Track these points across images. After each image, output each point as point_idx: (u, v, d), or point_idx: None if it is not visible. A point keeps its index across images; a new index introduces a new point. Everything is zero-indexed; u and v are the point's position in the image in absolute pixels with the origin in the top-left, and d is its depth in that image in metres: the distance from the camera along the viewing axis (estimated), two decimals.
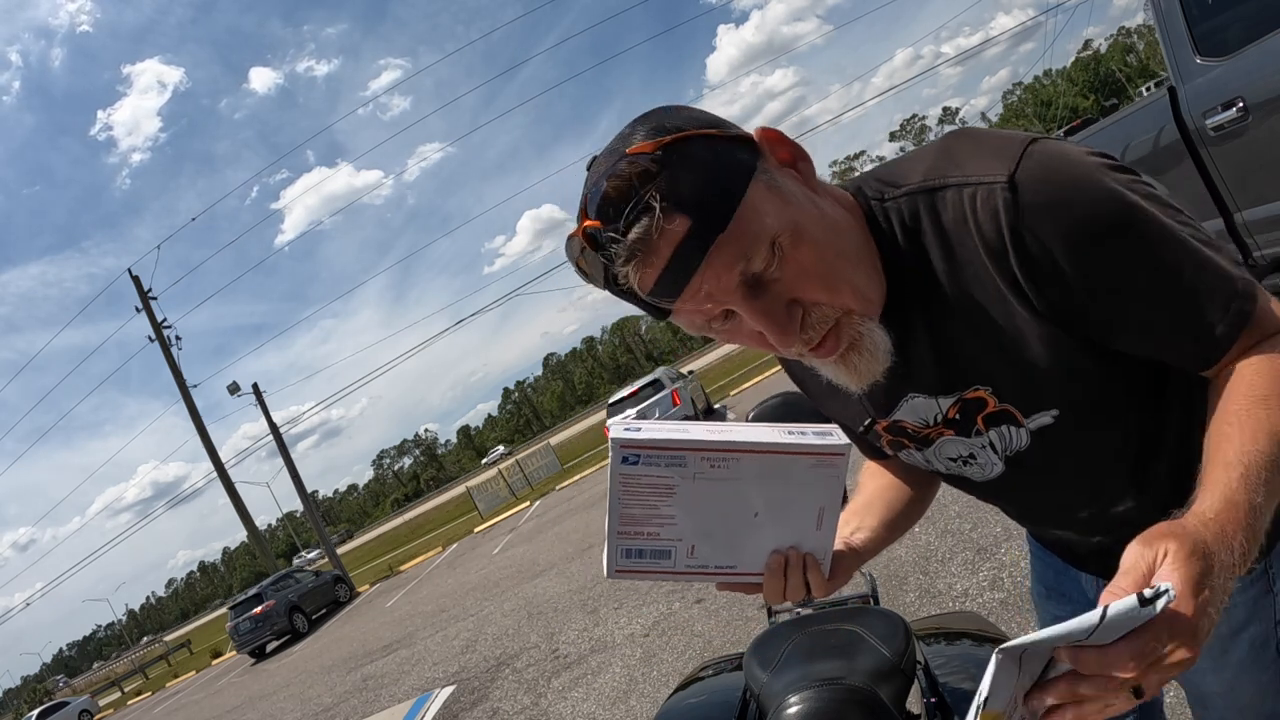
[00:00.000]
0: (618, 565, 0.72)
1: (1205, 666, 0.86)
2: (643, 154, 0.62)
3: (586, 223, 0.64)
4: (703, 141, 0.63)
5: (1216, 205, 3.46)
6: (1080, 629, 0.47)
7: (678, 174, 0.61)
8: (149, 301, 22.21)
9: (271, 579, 18.15)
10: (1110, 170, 0.66)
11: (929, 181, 0.69)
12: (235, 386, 23.49)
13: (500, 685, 5.30)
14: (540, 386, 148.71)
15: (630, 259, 0.62)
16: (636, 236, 0.61)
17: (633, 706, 3.88)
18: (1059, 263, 0.64)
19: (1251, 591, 0.81)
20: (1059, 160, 0.65)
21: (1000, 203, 0.64)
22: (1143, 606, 0.46)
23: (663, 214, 0.60)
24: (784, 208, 0.65)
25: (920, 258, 0.71)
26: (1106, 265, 0.64)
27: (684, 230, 0.61)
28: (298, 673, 11.33)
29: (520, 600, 7.86)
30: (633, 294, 0.66)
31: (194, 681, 21.71)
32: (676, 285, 0.64)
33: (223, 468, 22.55)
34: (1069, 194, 0.64)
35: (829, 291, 0.67)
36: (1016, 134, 0.69)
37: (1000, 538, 3.67)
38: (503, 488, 24.46)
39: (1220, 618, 0.52)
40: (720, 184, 0.62)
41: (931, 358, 0.75)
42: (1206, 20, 3.28)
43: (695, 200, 0.61)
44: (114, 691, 33.57)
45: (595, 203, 0.63)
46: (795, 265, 0.65)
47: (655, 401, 14.06)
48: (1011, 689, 0.51)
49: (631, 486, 0.68)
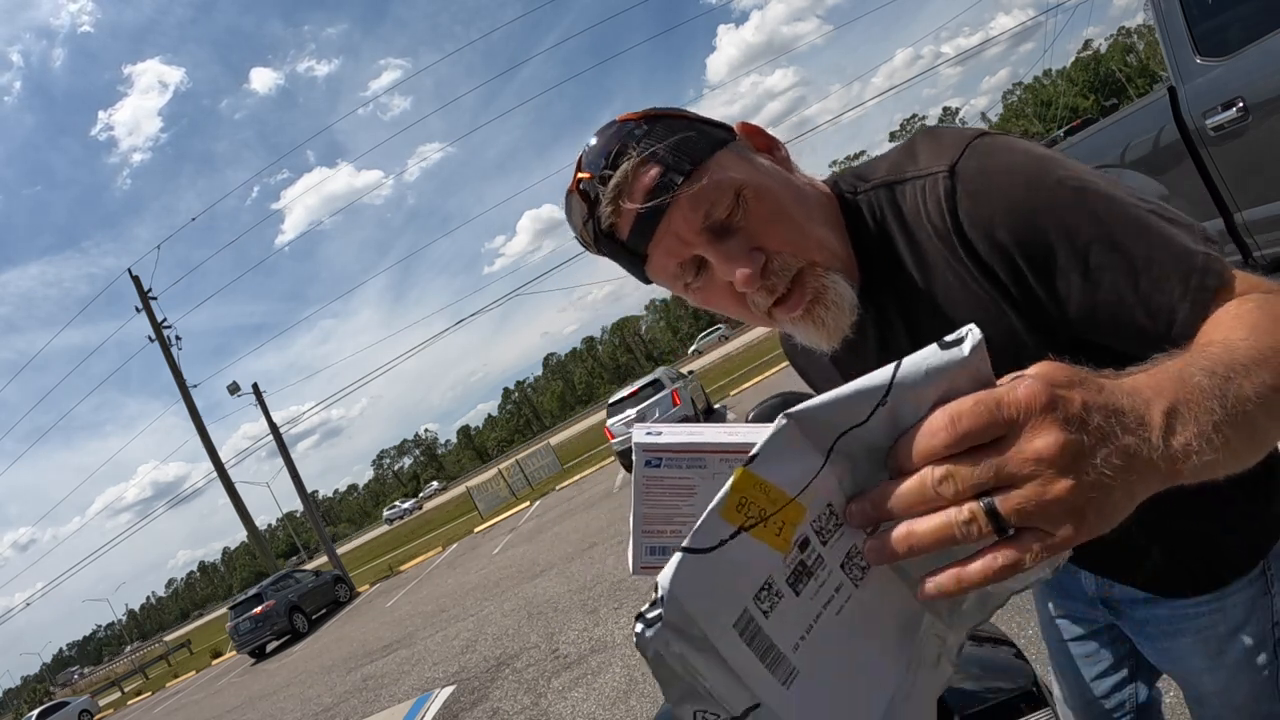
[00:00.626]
0: (643, 563, 0.76)
1: (1202, 666, 0.86)
2: (629, 120, 0.72)
3: (579, 174, 0.73)
4: (684, 118, 0.73)
5: (1216, 205, 3.46)
6: (871, 385, 0.40)
7: (656, 134, 0.71)
8: (149, 301, 22.22)
9: (271, 579, 18.16)
10: (1054, 158, 0.67)
11: (891, 176, 0.75)
12: (235, 386, 23.50)
13: (500, 685, 5.30)
14: (540, 386, 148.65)
15: (611, 200, 0.71)
16: (616, 180, 0.70)
17: (633, 706, 3.88)
18: (997, 243, 0.66)
19: (1250, 591, 0.81)
20: (998, 149, 0.68)
21: (942, 191, 0.69)
22: (943, 350, 0.40)
23: (639, 160, 0.69)
24: (751, 170, 0.73)
25: (889, 247, 0.75)
26: (1047, 241, 0.65)
27: (656, 175, 0.69)
28: (298, 673, 11.33)
29: (520, 600, 7.86)
30: (616, 243, 0.74)
31: (194, 681, 21.72)
32: (649, 225, 0.71)
33: (223, 468, 22.55)
34: (1004, 177, 0.66)
35: (792, 240, 0.72)
36: (969, 130, 0.72)
37: None
38: (503, 488, 24.46)
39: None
40: (692, 143, 0.71)
41: (908, 342, 0.77)
42: (1206, 20, 3.28)
43: (668, 152, 0.70)
44: (114, 691, 33.59)
45: (587, 157, 0.73)
46: (759, 215, 0.71)
47: (655, 401, 13.96)
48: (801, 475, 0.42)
49: (654, 488, 0.71)
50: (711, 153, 0.71)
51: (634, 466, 0.72)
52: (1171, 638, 0.87)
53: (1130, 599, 0.90)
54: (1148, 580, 0.86)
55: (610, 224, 0.72)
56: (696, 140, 0.71)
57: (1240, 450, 0.46)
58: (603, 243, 0.74)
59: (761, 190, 0.71)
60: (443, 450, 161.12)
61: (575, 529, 10.86)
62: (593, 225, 0.73)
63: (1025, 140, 0.70)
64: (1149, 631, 0.90)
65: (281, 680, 11.46)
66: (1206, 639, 0.84)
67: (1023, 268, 0.67)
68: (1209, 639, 0.84)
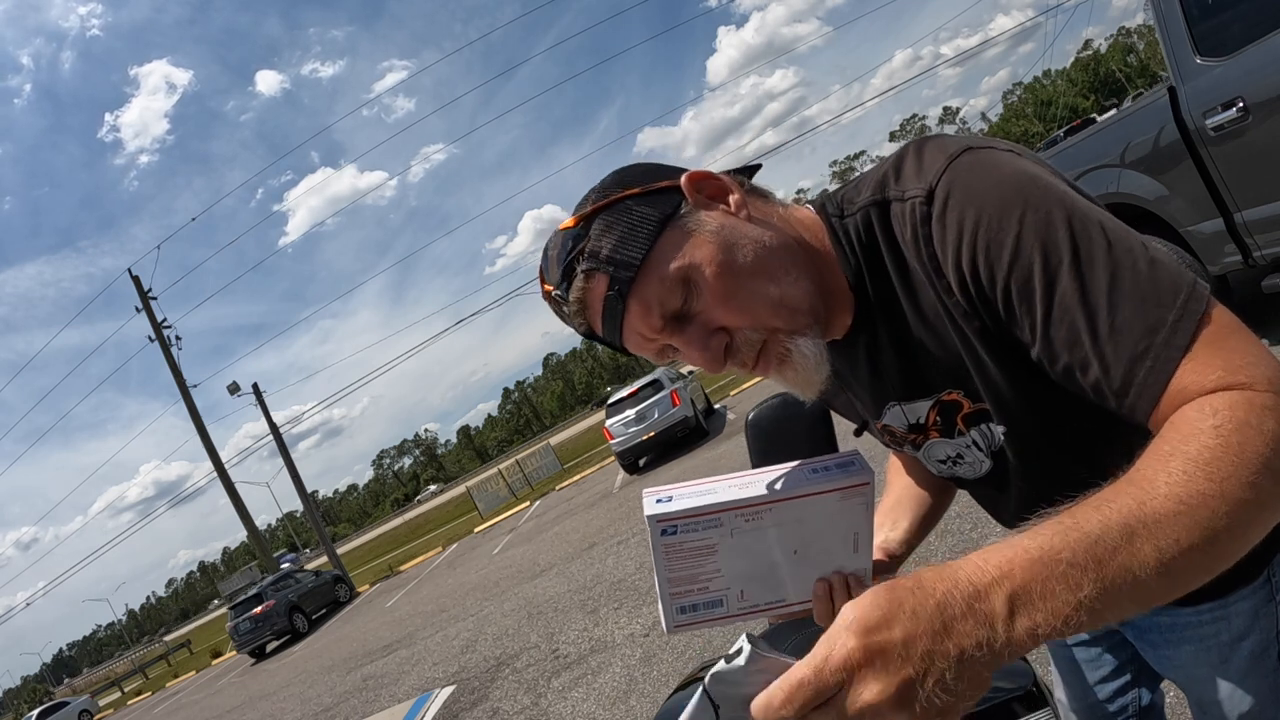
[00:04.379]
0: (675, 622, 0.76)
1: (1206, 674, 0.85)
2: (570, 228, 0.73)
3: (545, 286, 0.76)
4: (621, 205, 0.72)
5: (1216, 205, 3.46)
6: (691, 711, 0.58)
7: (598, 239, 0.71)
8: (149, 301, 22.22)
9: (271, 579, 18.15)
10: (1036, 183, 0.62)
11: (875, 196, 0.72)
12: (235, 386, 23.49)
13: (500, 685, 5.29)
14: (540, 386, 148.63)
15: (576, 314, 0.74)
16: (575, 297, 0.73)
17: (633, 706, 3.87)
18: (964, 276, 0.63)
19: (1254, 599, 0.80)
20: (977, 170, 0.64)
21: (918, 217, 0.66)
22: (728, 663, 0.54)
23: (586, 275, 0.71)
24: (698, 246, 0.71)
25: (878, 271, 0.73)
26: (1009, 282, 0.61)
27: (604, 286, 0.71)
28: (298, 673, 11.33)
29: (520, 600, 7.86)
30: (595, 337, 0.77)
31: (194, 681, 21.71)
32: (614, 331, 0.73)
33: (223, 468, 22.55)
34: (976, 202, 0.62)
35: (748, 315, 0.71)
36: (955, 144, 0.67)
37: (999, 538, 3.66)
38: (502, 488, 24.46)
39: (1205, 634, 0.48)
40: (630, 241, 0.71)
41: (898, 366, 0.77)
42: (1206, 20, 3.27)
43: (609, 259, 0.71)
44: (114, 691, 33.57)
45: (545, 270, 0.76)
46: (713, 295, 0.70)
47: (655, 402, 13.77)
48: None
49: (674, 553, 0.72)
50: (656, 238, 0.70)
51: (650, 535, 0.71)
52: (1175, 645, 0.87)
53: None
54: None
55: (585, 329, 0.76)
56: (638, 227, 0.71)
57: (1125, 612, 0.47)
58: (583, 334, 0.78)
59: (712, 267, 0.70)
60: (443, 450, 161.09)
61: (575, 529, 10.85)
62: (572, 324, 0.77)
63: (1012, 155, 0.65)
64: (1152, 639, 0.90)
65: (281, 680, 11.46)
66: (1210, 647, 0.84)
67: (993, 304, 0.63)
68: (1212, 647, 0.83)
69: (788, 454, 1.15)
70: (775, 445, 1.15)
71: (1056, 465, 0.77)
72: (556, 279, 0.74)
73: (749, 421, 1.18)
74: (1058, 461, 0.77)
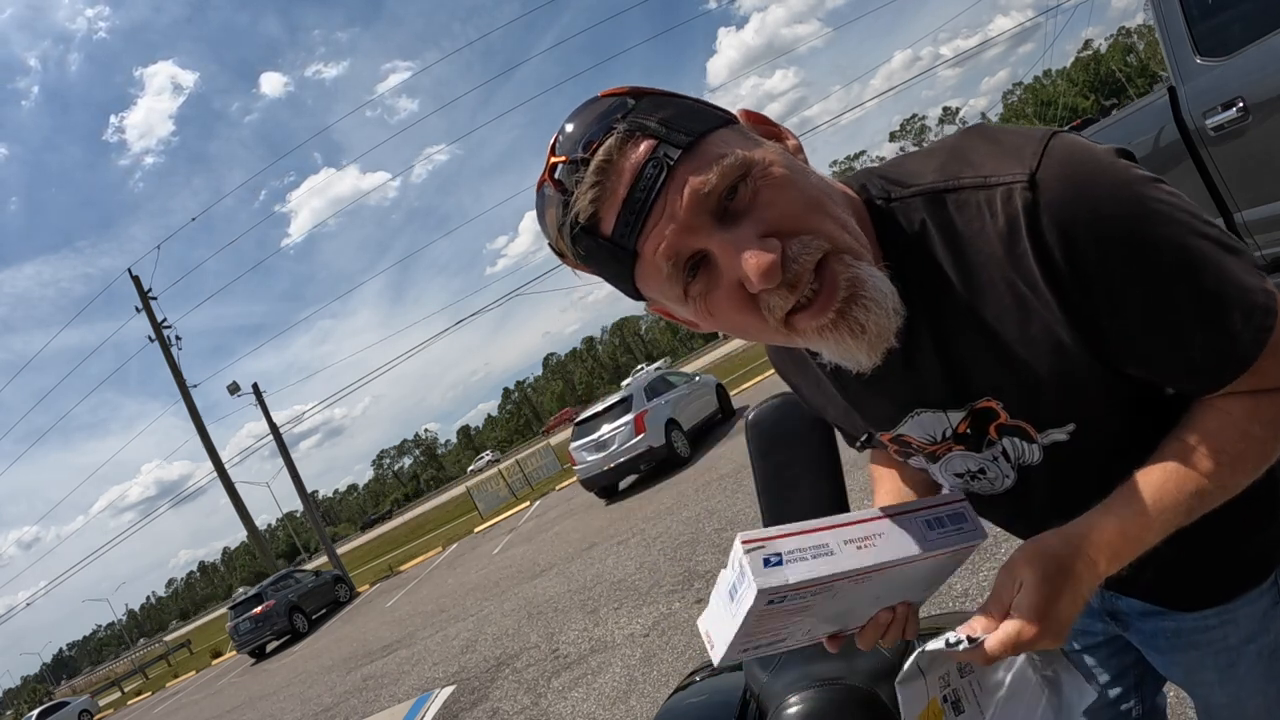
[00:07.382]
0: (731, 660, 0.71)
1: (1212, 678, 0.84)
2: (612, 94, 0.61)
3: (552, 159, 0.61)
4: (673, 98, 0.63)
5: (1216, 205, 3.46)
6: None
7: (646, 108, 0.60)
8: (149, 301, 22.22)
9: (271, 579, 18.15)
10: (1133, 171, 0.62)
11: (941, 182, 0.65)
12: (235, 386, 23.49)
13: (500, 685, 5.29)
14: (540, 386, 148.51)
15: (593, 185, 0.59)
16: (599, 161, 0.58)
17: (633, 706, 3.87)
18: (1083, 265, 0.59)
19: (1261, 604, 0.79)
20: (1082, 157, 0.60)
21: (1021, 203, 0.60)
22: (947, 649, 0.65)
23: (627, 135, 0.58)
24: (759, 149, 0.61)
25: (928, 262, 0.65)
26: (1131, 269, 0.59)
27: (647, 150, 0.58)
28: (298, 673, 11.32)
29: (520, 600, 7.85)
30: (598, 239, 0.61)
31: (194, 681, 21.70)
32: (639, 211, 0.59)
33: (223, 468, 22.55)
34: (1093, 193, 0.59)
35: (813, 222, 0.60)
36: (1034, 130, 0.64)
37: (1001, 538, 3.66)
38: (502, 488, 24.44)
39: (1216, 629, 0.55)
40: (688, 117, 0.61)
41: (940, 370, 0.70)
42: (1206, 20, 3.27)
43: (661, 125, 0.59)
44: (114, 691, 33.57)
45: (562, 140, 0.61)
46: (769, 195, 0.60)
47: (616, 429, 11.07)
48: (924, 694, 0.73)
49: (765, 616, 0.64)
50: (713, 126, 0.61)
51: (737, 593, 0.63)
52: (1180, 650, 0.86)
53: (1137, 611, 0.88)
54: (1155, 593, 0.84)
55: (591, 215, 0.60)
56: (693, 114, 0.61)
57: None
58: (581, 241, 0.61)
59: (771, 169, 0.60)
60: (443, 450, 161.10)
61: (575, 529, 10.84)
62: (569, 221, 0.61)
63: (1096, 144, 0.63)
64: (1157, 644, 0.89)
65: (281, 680, 11.46)
66: (1216, 651, 0.83)
67: (1098, 289, 0.60)
68: (1219, 651, 0.82)
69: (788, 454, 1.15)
70: (775, 445, 1.15)
71: (1102, 470, 0.71)
72: (577, 139, 0.59)
73: (749, 422, 1.18)
74: (1107, 466, 0.71)
